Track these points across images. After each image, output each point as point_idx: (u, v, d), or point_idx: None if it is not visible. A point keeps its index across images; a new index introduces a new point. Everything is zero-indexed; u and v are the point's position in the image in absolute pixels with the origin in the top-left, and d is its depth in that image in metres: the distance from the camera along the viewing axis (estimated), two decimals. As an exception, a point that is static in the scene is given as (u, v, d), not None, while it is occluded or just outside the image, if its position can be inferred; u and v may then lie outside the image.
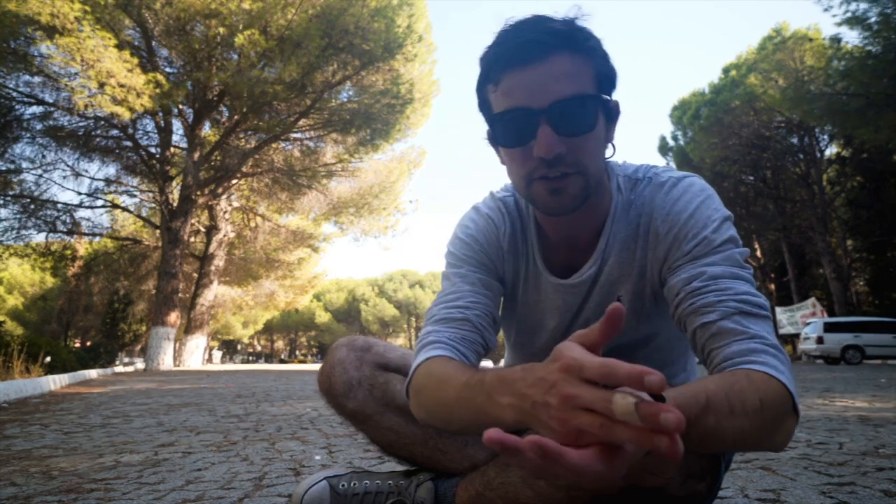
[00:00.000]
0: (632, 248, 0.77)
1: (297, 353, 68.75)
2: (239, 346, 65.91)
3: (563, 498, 0.62)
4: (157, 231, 16.46)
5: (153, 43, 13.48)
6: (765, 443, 0.57)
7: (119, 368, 12.55)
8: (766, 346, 0.60)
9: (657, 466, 0.56)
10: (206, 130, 15.80)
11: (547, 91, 0.65)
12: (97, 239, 19.13)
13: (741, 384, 0.55)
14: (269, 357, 67.35)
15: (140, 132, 15.48)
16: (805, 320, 18.81)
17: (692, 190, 0.74)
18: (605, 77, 0.71)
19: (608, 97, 0.72)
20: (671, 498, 0.58)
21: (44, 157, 14.40)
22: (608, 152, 0.77)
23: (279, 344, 70.02)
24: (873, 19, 12.29)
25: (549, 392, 0.41)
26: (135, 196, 17.48)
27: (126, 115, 11.16)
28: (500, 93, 0.69)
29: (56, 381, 5.73)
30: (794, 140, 22.59)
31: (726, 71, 23.11)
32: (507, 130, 0.70)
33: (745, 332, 0.62)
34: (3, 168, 13.91)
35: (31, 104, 13.12)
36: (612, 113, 0.74)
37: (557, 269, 0.84)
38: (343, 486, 0.87)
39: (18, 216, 14.68)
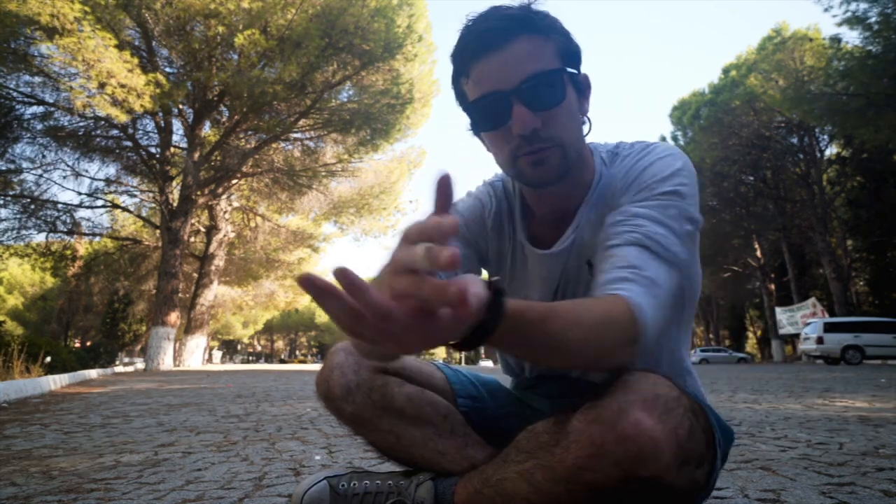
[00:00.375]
0: (602, 214, 0.81)
1: (297, 353, 68.80)
2: (239, 346, 65.94)
3: (561, 492, 0.62)
4: (157, 231, 16.47)
5: (153, 43, 13.48)
6: (605, 361, 0.61)
7: (119, 368, 12.55)
8: (638, 277, 0.63)
9: (650, 453, 0.57)
10: (206, 130, 15.81)
11: (514, 72, 0.70)
12: (97, 239, 19.14)
13: (591, 301, 0.61)
14: (269, 357, 67.38)
15: (140, 132, 15.49)
16: (805, 320, 18.82)
17: (656, 151, 0.77)
18: (569, 52, 0.75)
19: (575, 71, 0.76)
20: (670, 488, 0.58)
21: (44, 157, 14.43)
22: (585, 127, 0.81)
23: (279, 344, 70.05)
24: (873, 19, 12.29)
25: (388, 266, 0.42)
26: (135, 196, 17.50)
27: (123, 118, 11.17)
28: (471, 83, 0.74)
29: (56, 381, 5.73)
30: (794, 140, 22.60)
31: (726, 71, 23.13)
32: (484, 116, 0.75)
33: (627, 263, 0.65)
34: (4, 168, 13.92)
35: (31, 104, 13.13)
36: (581, 86, 0.78)
37: (543, 243, 0.88)
38: (343, 486, 0.87)
39: (18, 216, 14.69)
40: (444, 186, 0.42)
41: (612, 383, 0.64)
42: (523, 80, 0.70)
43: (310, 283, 0.37)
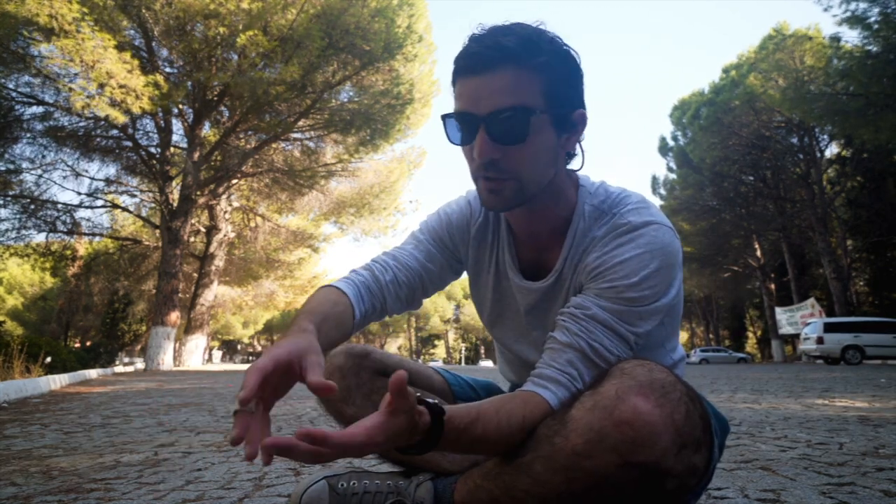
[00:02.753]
0: (578, 271, 0.82)
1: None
2: (239, 346, 65.89)
3: (561, 481, 0.62)
4: (157, 231, 16.46)
5: (153, 43, 13.49)
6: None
7: (119, 368, 12.55)
8: (568, 384, 0.70)
9: (648, 438, 0.57)
10: (206, 130, 15.80)
11: (487, 101, 0.71)
12: (97, 239, 19.15)
13: (513, 403, 0.68)
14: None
15: (140, 132, 15.49)
16: (805, 320, 18.83)
17: (638, 242, 0.76)
18: (559, 93, 0.75)
19: (564, 110, 0.76)
20: (668, 474, 0.58)
21: (44, 157, 14.43)
22: (576, 162, 0.83)
23: (279, 344, 69.83)
24: (873, 19, 12.29)
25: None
26: (135, 196, 17.50)
27: (121, 119, 11.18)
28: (456, 94, 0.77)
29: (56, 381, 5.73)
30: (794, 140, 22.59)
31: (726, 71, 23.12)
32: (454, 128, 0.77)
33: (564, 368, 0.71)
34: (3, 168, 13.92)
35: (31, 104, 13.13)
36: (568, 124, 0.78)
37: (526, 266, 0.90)
38: (342, 485, 0.87)
39: (18, 216, 14.69)
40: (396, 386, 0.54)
41: (610, 371, 0.65)
42: (492, 112, 0.71)
43: (273, 447, 0.54)
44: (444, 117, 0.78)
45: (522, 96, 0.72)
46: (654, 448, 0.57)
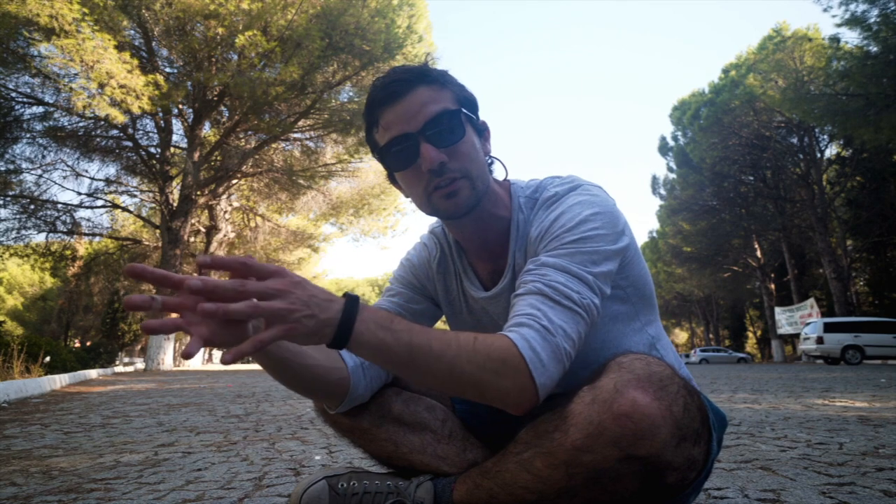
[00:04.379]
0: (529, 257, 0.84)
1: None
2: (239, 347, 65.84)
3: (561, 476, 0.62)
4: (157, 231, 16.46)
5: (153, 43, 13.48)
6: (488, 393, 0.63)
7: (119, 368, 12.56)
8: (534, 323, 0.66)
9: (647, 430, 0.57)
10: (206, 130, 15.80)
11: (417, 116, 0.77)
12: (97, 239, 19.12)
13: (480, 339, 0.64)
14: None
15: (140, 132, 15.49)
16: (805, 320, 18.83)
17: (567, 200, 0.80)
18: (466, 100, 0.83)
19: (473, 115, 0.83)
20: (668, 467, 0.58)
21: (44, 157, 14.42)
22: (500, 171, 0.89)
23: (279, 344, 69.94)
24: (873, 19, 12.29)
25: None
26: (135, 196, 17.50)
27: (121, 118, 11.17)
28: (381, 130, 0.81)
29: (56, 381, 5.73)
30: (794, 140, 22.59)
31: (726, 71, 23.12)
32: (395, 158, 0.80)
33: (527, 311, 0.68)
34: (3, 168, 13.91)
35: (31, 104, 13.13)
36: (480, 129, 0.85)
37: (486, 279, 0.92)
38: (342, 485, 0.87)
39: (18, 216, 14.68)
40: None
41: (607, 365, 0.65)
42: (427, 122, 0.77)
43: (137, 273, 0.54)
44: (381, 151, 0.81)
45: (444, 102, 0.79)
46: (654, 440, 0.57)
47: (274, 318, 0.54)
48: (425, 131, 0.77)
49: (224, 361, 0.52)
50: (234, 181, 16.55)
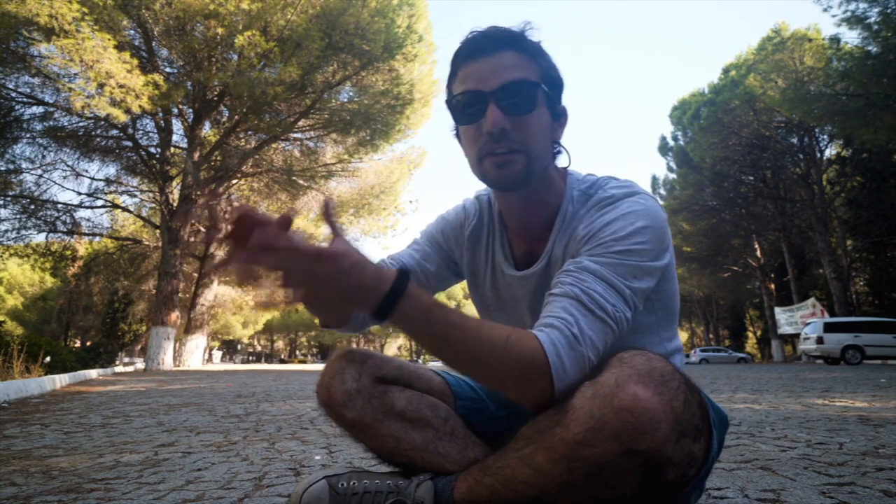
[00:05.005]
0: (569, 250, 0.85)
1: (298, 353, 68.78)
2: (239, 346, 65.90)
3: (562, 471, 0.62)
4: (157, 231, 16.46)
5: (153, 43, 13.48)
6: (509, 389, 0.67)
7: (119, 368, 12.55)
8: (563, 327, 0.67)
9: (648, 425, 0.57)
10: (206, 130, 15.80)
11: (495, 77, 0.77)
12: (97, 239, 19.13)
13: (513, 338, 0.66)
14: (269, 357, 67.34)
15: (140, 132, 15.48)
16: (805, 320, 18.82)
17: (621, 206, 0.80)
18: (551, 79, 0.82)
19: (553, 96, 0.83)
20: (668, 462, 0.58)
21: (44, 157, 14.42)
22: (564, 159, 0.88)
23: (279, 344, 70.01)
24: (873, 19, 12.28)
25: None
26: (135, 196, 17.49)
27: (122, 118, 11.16)
28: (458, 82, 0.82)
29: (56, 381, 5.73)
30: (794, 140, 22.58)
31: (726, 71, 23.12)
32: (461, 110, 0.81)
33: (559, 314, 0.69)
34: (3, 168, 13.91)
35: (31, 104, 13.12)
36: (557, 113, 0.85)
37: (519, 259, 0.94)
38: (342, 485, 0.87)
39: (18, 216, 14.68)
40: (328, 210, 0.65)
41: (609, 361, 0.65)
42: (501, 85, 0.77)
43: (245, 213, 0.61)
44: (451, 101, 0.82)
45: (527, 72, 0.79)
46: (654, 435, 0.57)
47: (317, 297, 0.64)
48: (497, 94, 0.77)
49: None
50: (234, 181, 16.55)
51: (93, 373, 8.67)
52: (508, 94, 0.77)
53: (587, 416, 0.60)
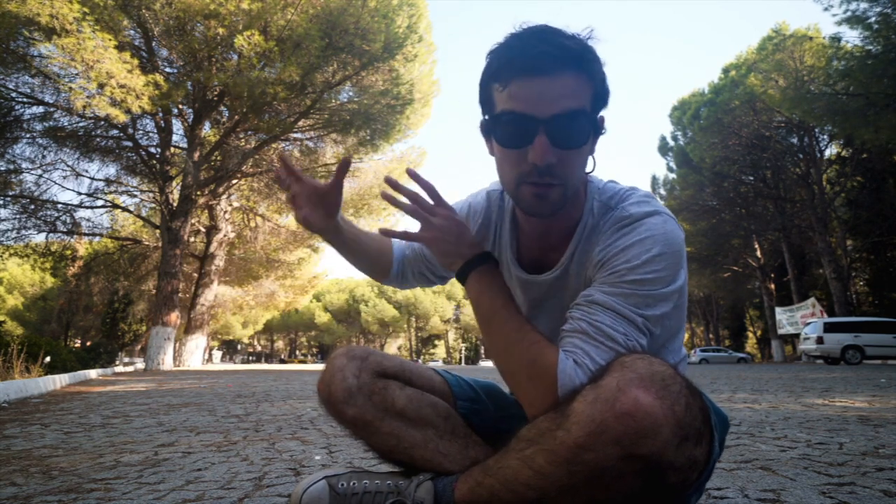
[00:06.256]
0: (586, 266, 0.86)
1: (298, 353, 68.80)
2: (239, 346, 65.93)
3: (563, 474, 0.62)
4: (157, 231, 16.46)
5: (153, 43, 13.48)
6: (518, 386, 0.76)
7: (119, 368, 12.55)
8: (576, 350, 0.72)
9: (650, 429, 0.57)
10: (206, 130, 15.80)
11: (551, 104, 0.71)
12: (97, 239, 19.12)
13: (542, 345, 0.74)
14: (269, 357, 67.35)
15: (140, 132, 15.48)
16: (805, 320, 18.82)
17: (639, 230, 0.78)
18: (601, 98, 0.77)
19: (600, 113, 0.79)
20: (670, 467, 0.58)
21: (44, 157, 14.41)
22: (589, 165, 0.84)
23: (279, 344, 70.04)
24: (873, 19, 12.28)
25: None
26: (135, 196, 17.48)
27: (122, 118, 11.16)
28: (506, 94, 0.74)
29: (56, 381, 5.73)
30: (794, 140, 22.58)
31: (726, 71, 23.11)
32: (506, 131, 0.75)
33: (567, 346, 0.73)
34: (3, 168, 13.91)
35: (31, 104, 13.12)
36: (598, 129, 0.80)
37: (527, 263, 0.94)
38: (342, 485, 0.87)
39: (18, 216, 14.68)
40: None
41: (610, 365, 0.65)
42: (556, 115, 0.71)
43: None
44: (496, 117, 0.76)
45: (582, 100, 0.73)
46: (656, 440, 0.57)
47: (426, 241, 0.88)
48: (551, 124, 0.72)
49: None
50: (234, 181, 16.55)
51: (93, 373, 8.67)
52: (562, 126, 0.72)
53: (588, 420, 0.59)
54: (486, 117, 0.80)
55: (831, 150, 23.02)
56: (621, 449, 0.57)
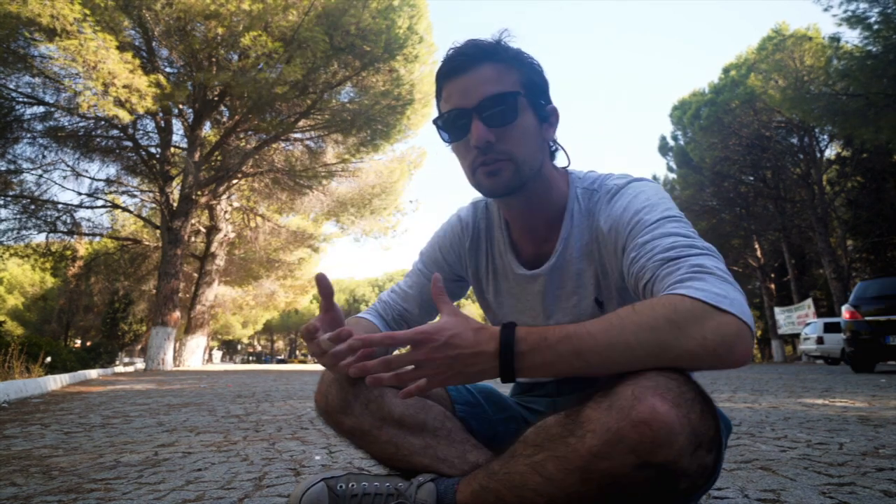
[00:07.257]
0: (593, 251, 0.89)
1: (297, 353, 68.84)
2: (239, 346, 65.93)
3: (575, 481, 0.61)
4: (158, 231, 16.46)
5: (154, 44, 13.48)
6: (679, 350, 0.61)
7: (119, 368, 12.55)
8: (688, 273, 0.66)
9: (666, 439, 0.57)
10: (207, 130, 15.80)
11: (475, 92, 0.81)
12: (97, 239, 19.13)
13: (639, 305, 0.63)
14: (269, 357, 67.35)
15: (140, 132, 15.49)
16: (802, 321, 18.83)
17: (629, 191, 0.84)
18: (533, 83, 0.85)
19: (540, 101, 0.86)
20: (685, 473, 0.58)
21: (44, 157, 14.42)
22: (563, 159, 0.93)
23: (279, 344, 70.03)
24: (873, 19, 12.27)
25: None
26: (135, 196, 17.49)
27: (127, 118, 11.17)
28: (443, 99, 0.86)
29: (56, 381, 5.73)
30: (794, 140, 22.57)
31: (726, 71, 23.11)
32: (449, 129, 0.86)
33: (668, 274, 0.68)
34: (4, 168, 13.91)
35: (31, 104, 13.13)
36: (546, 115, 0.88)
37: (526, 261, 0.96)
38: (341, 487, 0.86)
39: (19, 216, 14.68)
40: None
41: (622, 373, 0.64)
42: (482, 101, 0.80)
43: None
44: (436, 121, 0.87)
45: (505, 84, 0.82)
46: (672, 448, 0.57)
47: (428, 384, 0.68)
48: (479, 109, 0.80)
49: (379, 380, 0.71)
50: (235, 181, 16.55)
51: (93, 373, 8.67)
52: (489, 108, 0.80)
53: (604, 429, 0.59)
54: (439, 130, 0.89)
55: (831, 151, 23.00)
56: (637, 457, 0.57)
